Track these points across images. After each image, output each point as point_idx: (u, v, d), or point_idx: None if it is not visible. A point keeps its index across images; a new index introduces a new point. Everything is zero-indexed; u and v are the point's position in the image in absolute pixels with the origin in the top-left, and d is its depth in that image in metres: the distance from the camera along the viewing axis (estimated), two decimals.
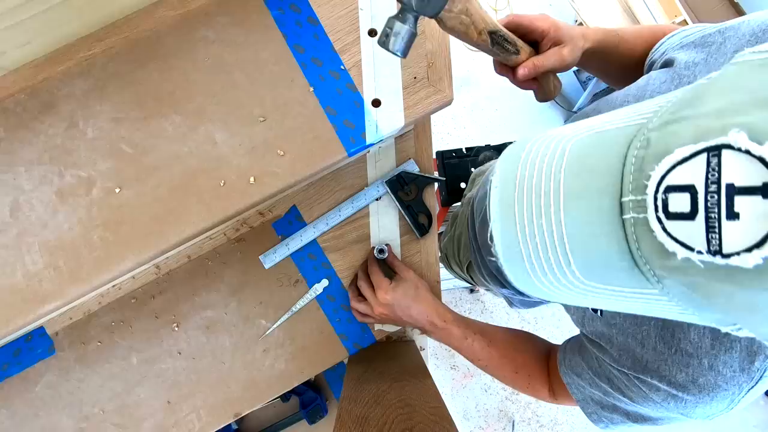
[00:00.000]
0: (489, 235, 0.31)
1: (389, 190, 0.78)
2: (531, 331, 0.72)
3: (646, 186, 0.24)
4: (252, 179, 0.61)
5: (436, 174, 0.80)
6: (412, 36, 0.53)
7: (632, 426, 0.51)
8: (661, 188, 0.23)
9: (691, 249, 0.22)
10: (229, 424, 0.82)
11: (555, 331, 2.02)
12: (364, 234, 0.80)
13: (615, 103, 0.54)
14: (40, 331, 0.77)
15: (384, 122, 0.63)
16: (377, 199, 0.79)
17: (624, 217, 0.25)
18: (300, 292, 0.80)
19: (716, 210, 0.21)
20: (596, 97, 2.20)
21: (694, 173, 0.22)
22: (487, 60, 2.27)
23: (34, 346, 0.77)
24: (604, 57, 0.64)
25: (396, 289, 0.72)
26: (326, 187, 0.79)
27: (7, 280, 0.59)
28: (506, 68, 0.60)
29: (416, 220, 0.79)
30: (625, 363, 0.47)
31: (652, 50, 0.60)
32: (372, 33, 0.63)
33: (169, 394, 0.78)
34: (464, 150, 1.32)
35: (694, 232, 0.22)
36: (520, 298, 0.97)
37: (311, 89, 0.62)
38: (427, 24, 0.64)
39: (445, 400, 0.66)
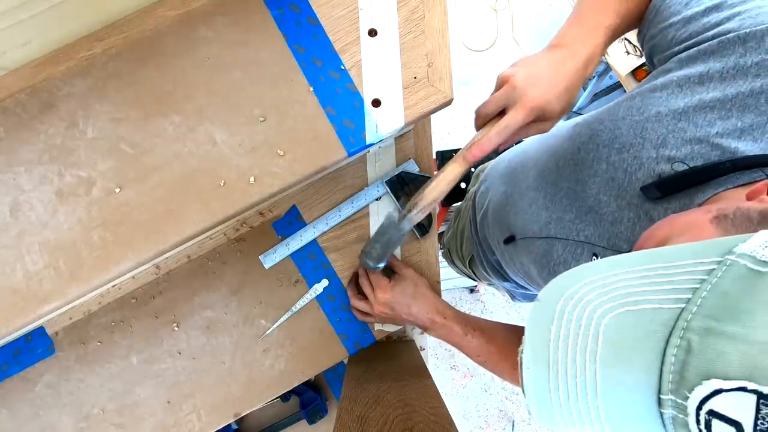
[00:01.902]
0: (526, 406, 0.32)
1: (389, 190, 0.78)
2: None
3: (687, 396, 0.24)
4: (252, 179, 0.61)
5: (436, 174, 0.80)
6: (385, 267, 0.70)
7: None
8: (704, 408, 0.23)
9: None
10: (229, 424, 0.82)
11: None
12: (364, 234, 0.80)
13: (617, 115, 0.51)
14: (40, 331, 0.77)
15: (384, 122, 0.63)
16: (377, 199, 0.79)
17: (663, 411, 0.25)
18: (300, 292, 0.80)
19: None
20: (596, 97, 2.20)
21: (742, 411, 0.22)
22: (487, 60, 2.27)
23: (34, 346, 0.77)
24: (625, 24, 0.56)
25: (395, 288, 0.72)
26: (326, 187, 0.79)
27: (7, 280, 0.59)
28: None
29: None
30: None
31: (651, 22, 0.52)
32: (372, 33, 0.63)
33: (169, 394, 0.78)
34: None
35: None
36: (522, 292, 0.97)
37: (311, 89, 0.62)
38: (427, 23, 0.64)
39: (445, 400, 0.66)
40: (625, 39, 1.83)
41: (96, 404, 0.77)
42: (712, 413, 0.23)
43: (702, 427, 0.23)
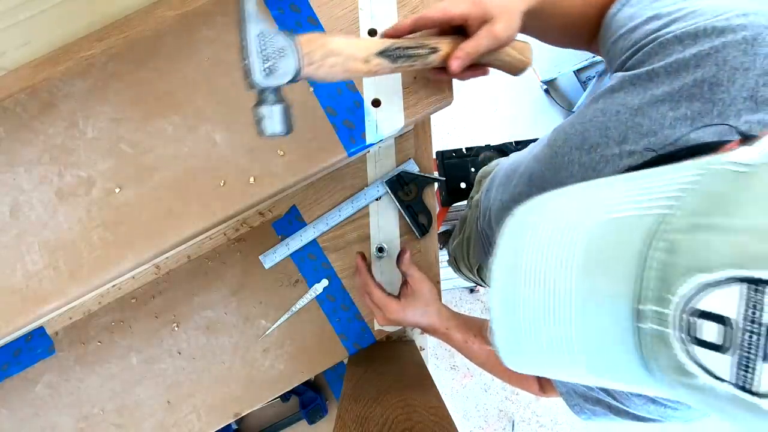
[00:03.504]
0: (489, 328, 0.29)
1: (389, 190, 0.78)
2: None
3: (669, 300, 0.22)
4: (252, 179, 0.61)
5: (436, 174, 0.80)
6: (285, 109, 0.48)
7: (614, 419, 0.52)
8: (688, 309, 0.21)
9: (716, 377, 0.21)
10: (229, 424, 0.82)
11: None
12: (364, 234, 0.80)
13: (585, 118, 0.52)
14: (40, 331, 0.77)
15: (384, 122, 0.63)
16: (377, 199, 0.79)
17: (641, 325, 0.23)
18: (300, 292, 0.80)
19: (755, 351, 0.20)
20: None
21: (730, 304, 0.20)
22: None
23: (34, 346, 0.77)
24: (547, 16, 0.57)
25: (406, 310, 0.68)
26: (326, 187, 0.79)
27: (7, 280, 0.59)
28: (438, 69, 0.54)
29: (416, 219, 0.79)
30: None
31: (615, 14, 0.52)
32: (372, 33, 0.63)
33: (169, 394, 0.78)
34: (464, 150, 1.32)
35: (722, 363, 0.21)
36: None
37: (311, 89, 0.62)
38: None
39: (445, 400, 0.66)
40: None
41: (96, 404, 0.77)
42: (696, 314, 0.21)
43: (684, 334, 0.21)
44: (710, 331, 0.21)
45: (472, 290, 2.02)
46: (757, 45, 0.39)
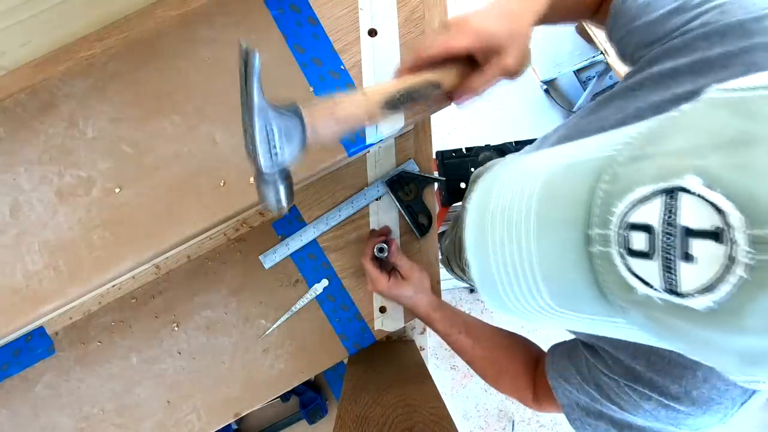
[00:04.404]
0: (465, 260, 0.32)
1: (389, 190, 0.78)
2: (528, 335, 0.72)
3: (609, 221, 0.24)
4: (252, 179, 0.61)
5: (436, 174, 0.80)
6: (289, 184, 0.48)
7: None
8: (623, 224, 0.24)
9: (650, 286, 0.23)
10: (229, 424, 0.82)
11: (559, 334, 2.02)
12: (364, 234, 0.80)
13: (601, 116, 0.50)
14: (40, 331, 0.77)
15: (384, 122, 0.63)
16: (377, 199, 0.79)
17: (590, 249, 0.25)
18: (300, 292, 0.80)
19: (673, 252, 0.22)
20: (596, 96, 2.20)
21: (653, 213, 0.23)
22: None
23: (34, 346, 0.77)
24: (557, 11, 0.53)
25: (391, 289, 0.72)
26: (326, 187, 0.79)
27: (7, 280, 0.59)
28: (442, 98, 0.52)
29: (416, 219, 0.79)
30: (618, 371, 0.47)
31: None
32: (372, 33, 0.63)
33: (169, 394, 0.78)
34: (464, 150, 1.32)
35: (652, 270, 0.23)
36: None
37: (311, 89, 0.62)
38: (427, 24, 0.64)
39: (445, 400, 0.66)
40: None
41: (96, 404, 0.77)
42: (628, 227, 0.23)
43: (622, 249, 0.24)
44: (639, 241, 0.23)
45: (472, 290, 2.02)
46: None
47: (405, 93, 0.48)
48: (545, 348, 0.69)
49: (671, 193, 0.22)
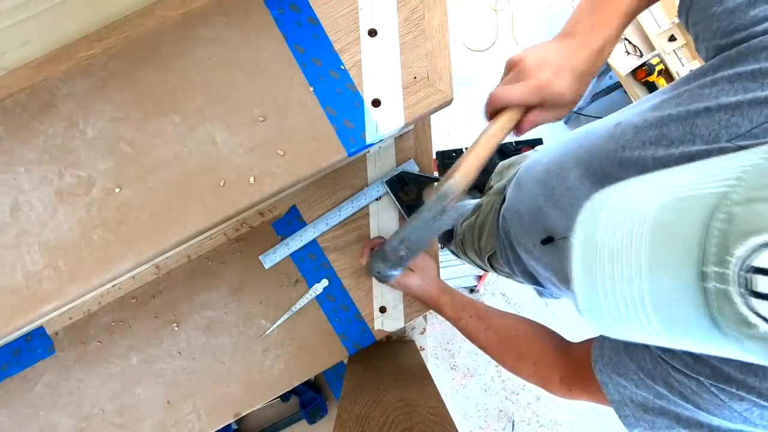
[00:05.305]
0: (572, 289, 0.33)
1: (389, 190, 0.78)
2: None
3: (729, 261, 0.25)
4: (252, 179, 0.61)
5: (436, 174, 0.80)
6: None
7: (676, 431, 0.49)
8: (745, 267, 0.24)
9: None
10: (229, 424, 0.82)
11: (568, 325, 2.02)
12: (364, 234, 0.80)
13: (664, 113, 0.49)
14: (40, 331, 0.77)
15: (384, 122, 0.63)
16: (377, 199, 0.79)
17: (706, 285, 0.26)
18: (300, 292, 0.80)
19: None
20: (596, 97, 2.19)
21: None
22: (487, 60, 2.27)
23: (34, 346, 0.77)
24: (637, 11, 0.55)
25: (398, 280, 0.74)
26: (326, 187, 0.79)
27: (7, 280, 0.59)
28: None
29: None
30: (702, 371, 0.45)
31: None
32: (372, 33, 0.63)
33: (168, 394, 0.78)
34: (464, 150, 1.32)
35: None
36: (549, 291, 0.95)
37: (311, 89, 0.62)
38: (427, 23, 0.64)
39: (445, 400, 0.66)
40: (625, 39, 1.83)
41: (96, 404, 0.77)
42: (752, 270, 0.24)
43: (743, 289, 0.24)
44: (765, 285, 0.24)
45: (471, 290, 2.02)
46: None
47: (480, 164, 0.57)
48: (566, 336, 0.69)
49: None
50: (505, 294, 2.09)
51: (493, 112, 0.57)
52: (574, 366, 0.62)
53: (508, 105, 0.56)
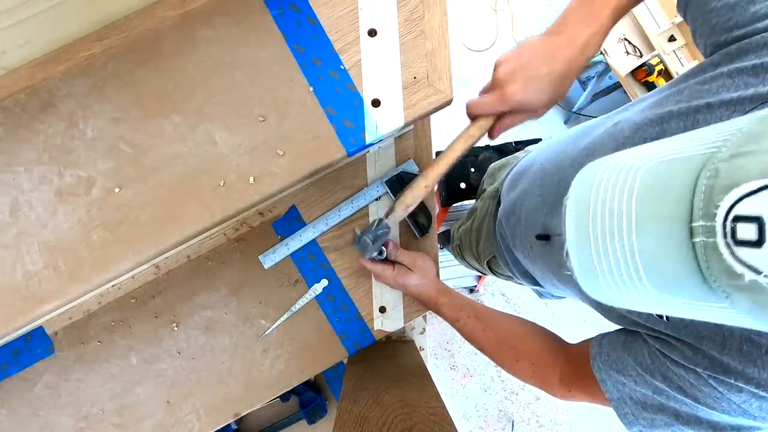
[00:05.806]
0: (564, 252, 0.34)
1: (389, 190, 0.78)
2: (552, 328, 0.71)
3: (715, 214, 0.26)
4: (252, 179, 0.61)
5: None
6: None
7: (676, 429, 0.49)
8: (730, 217, 0.25)
9: (758, 272, 0.25)
10: (229, 424, 0.82)
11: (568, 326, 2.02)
12: None
13: (664, 109, 0.49)
14: (40, 330, 0.77)
15: (384, 122, 0.63)
16: (377, 199, 0.79)
17: (694, 240, 0.27)
18: (300, 292, 0.80)
19: None
20: (596, 97, 2.20)
21: (761, 206, 0.24)
22: (487, 60, 2.27)
23: (33, 346, 0.77)
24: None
25: (397, 279, 0.74)
26: (326, 187, 0.79)
27: (7, 280, 0.59)
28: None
29: (416, 220, 0.79)
30: (699, 362, 0.45)
31: None
32: (372, 33, 0.63)
33: (168, 394, 0.78)
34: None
35: (761, 258, 0.24)
36: (549, 291, 0.95)
37: (311, 89, 0.62)
38: (427, 23, 0.64)
39: (444, 400, 0.66)
40: (625, 39, 1.83)
41: (95, 404, 0.77)
42: (736, 219, 0.25)
43: (729, 239, 0.25)
44: (748, 231, 0.25)
45: (471, 290, 2.02)
46: None
47: (451, 160, 0.63)
48: (565, 337, 0.69)
49: None
50: (505, 294, 2.09)
51: (472, 118, 0.63)
52: (573, 366, 0.62)
53: (480, 115, 0.61)
